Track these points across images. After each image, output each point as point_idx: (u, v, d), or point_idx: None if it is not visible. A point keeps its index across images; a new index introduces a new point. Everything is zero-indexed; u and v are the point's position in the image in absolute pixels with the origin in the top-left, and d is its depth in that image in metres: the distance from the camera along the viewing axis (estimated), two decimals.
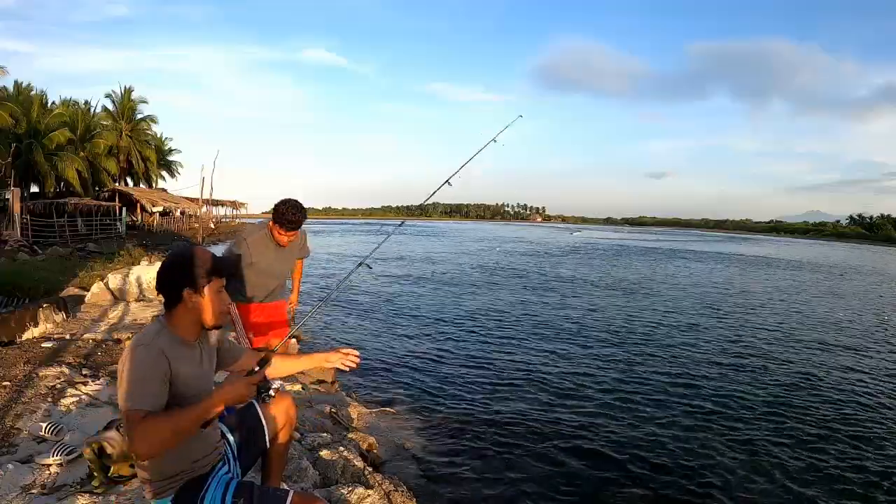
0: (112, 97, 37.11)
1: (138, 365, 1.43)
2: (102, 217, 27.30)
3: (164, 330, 1.56)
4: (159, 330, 1.55)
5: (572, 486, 3.74)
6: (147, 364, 1.43)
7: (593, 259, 26.59)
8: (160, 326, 1.57)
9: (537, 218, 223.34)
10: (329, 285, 13.55)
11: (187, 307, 1.56)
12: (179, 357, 1.54)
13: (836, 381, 6.53)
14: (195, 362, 1.62)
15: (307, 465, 2.84)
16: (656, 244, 47.50)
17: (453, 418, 4.82)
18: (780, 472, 4.07)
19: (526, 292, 13.51)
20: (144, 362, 1.44)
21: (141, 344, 1.48)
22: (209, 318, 1.60)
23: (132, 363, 1.43)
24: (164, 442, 1.37)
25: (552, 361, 6.90)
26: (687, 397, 5.68)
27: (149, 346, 1.47)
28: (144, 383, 1.40)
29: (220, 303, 1.61)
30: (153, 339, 1.50)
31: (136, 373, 1.41)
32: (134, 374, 1.41)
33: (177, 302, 1.56)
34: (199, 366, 1.63)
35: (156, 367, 1.45)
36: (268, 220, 3.20)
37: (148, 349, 1.46)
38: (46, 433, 2.74)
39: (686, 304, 12.45)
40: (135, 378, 1.41)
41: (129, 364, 1.43)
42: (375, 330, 8.56)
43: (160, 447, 1.39)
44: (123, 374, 1.43)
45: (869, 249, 62.18)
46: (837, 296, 15.52)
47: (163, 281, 1.57)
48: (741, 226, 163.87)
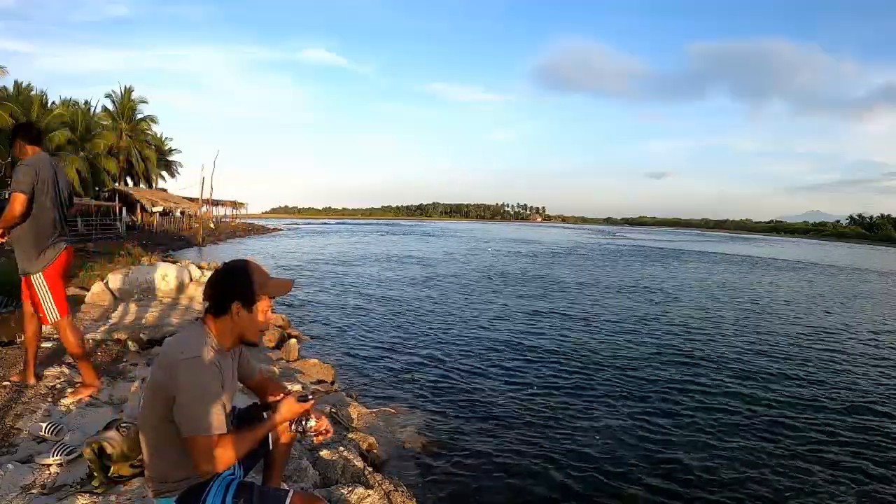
0: (112, 97, 37.18)
1: (204, 385, 1.41)
2: (102, 217, 27.30)
3: (209, 338, 1.54)
4: (207, 340, 1.52)
5: (572, 486, 3.74)
6: (205, 382, 1.43)
7: (591, 260, 26.59)
8: (203, 333, 1.54)
9: (537, 218, 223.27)
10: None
11: (233, 320, 1.55)
12: (224, 367, 1.54)
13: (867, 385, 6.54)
14: (230, 371, 1.62)
15: (307, 465, 2.84)
16: (665, 244, 47.50)
17: (453, 418, 4.82)
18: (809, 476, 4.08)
19: (526, 293, 13.51)
20: (203, 380, 1.42)
21: (195, 356, 1.44)
22: (250, 335, 1.60)
23: (190, 380, 1.40)
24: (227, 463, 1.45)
25: (552, 362, 6.90)
26: (689, 399, 5.68)
27: (210, 365, 1.45)
28: (213, 406, 1.41)
29: (262, 322, 1.60)
30: (206, 352, 1.47)
31: (203, 394, 1.41)
32: (201, 396, 1.41)
33: (223, 312, 1.55)
34: (233, 375, 1.65)
35: (217, 384, 1.45)
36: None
37: (210, 368, 1.45)
38: (46, 433, 2.73)
39: (699, 305, 12.45)
40: (202, 400, 1.40)
41: (185, 381, 1.40)
42: (375, 330, 8.55)
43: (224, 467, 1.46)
44: (179, 388, 1.40)
45: (876, 249, 62.26)
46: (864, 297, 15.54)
47: (216, 289, 1.56)
48: (741, 226, 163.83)
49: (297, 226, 67.59)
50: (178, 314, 5.77)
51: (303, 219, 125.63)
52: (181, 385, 1.41)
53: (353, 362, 6.61)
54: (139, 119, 38.19)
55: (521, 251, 30.84)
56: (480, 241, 42.66)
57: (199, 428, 1.40)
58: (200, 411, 1.40)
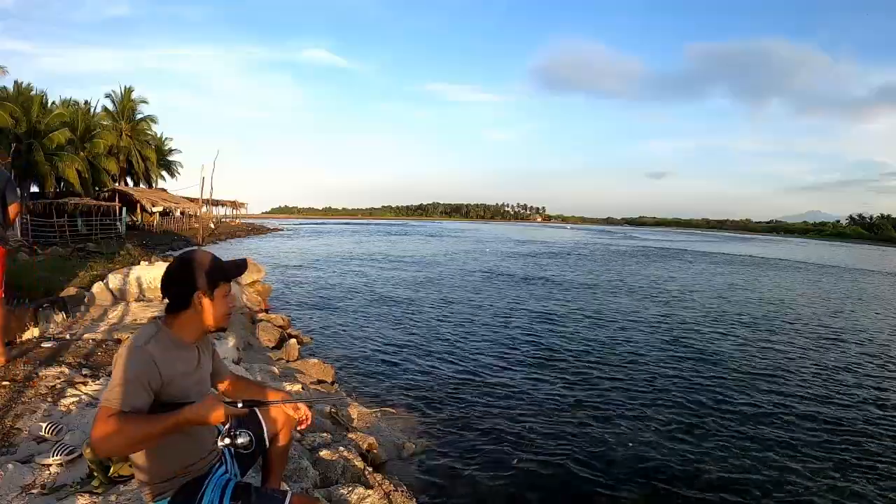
0: (112, 97, 37.12)
1: (126, 367, 1.44)
2: (102, 217, 27.27)
3: (161, 332, 1.55)
4: (154, 333, 1.54)
5: (572, 486, 3.75)
6: (134, 368, 1.44)
7: (594, 260, 26.59)
8: (156, 329, 1.56)
9: (537, 218, 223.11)
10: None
11: (196, 310, 1.57)
12: (174, 359, 1.54)
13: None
14: (191, 364, 1.62)
15: (307, 464, 2.84)
16: (667, 244, 47.48)
17: (453, 418, 4.82)
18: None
19: (526, 294, 13.51)
20: (132, 365, 1.44)
21: (134, 346, 1.48)
22: (215, 321, 1.61)
23: (121, 363, 1.44)
24: (123, 444, 1.36)
25: (552, 362, 6.90)
26: (689, 399, 5.68)
27: (140, 350, 1.47)
28: (126, 385, 1.40)
29: (226, 306, 1.63)
30: (145, 344, 1.50)
31: (122, 374, 1.42)
32: (119, 374, 1.42)
33: (185, 305, 1.57)
34: (195, 368, 1.63)
35: (142, 372, 1.45)
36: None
37: (139, 353, 1.47)
38: (46, 433, 2.73)
39: (708, 305, 12.44)
40: (119, 378, 1.42)
41: (118, 363, 1.45)
42: (376, 331, 8.55)
43: (117, 447, 1.39)
44: (113, 370, 1.46)
45: (876, 249, 62.23)
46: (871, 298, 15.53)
47: (172, 283, 1.57)
48: (741, 226, 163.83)
49: (297, 226, 67.56)
50: None
51: (303, 219, 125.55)
52: (114, 368, 1.45)
53: (353, 362, 6.61)
54: (139, 119, 38.15)
55: (523, 251, 30.83)
56: (481, 241, 42.65)
57: (108, 398, 1.39)
58: (117, 386, 1.40)
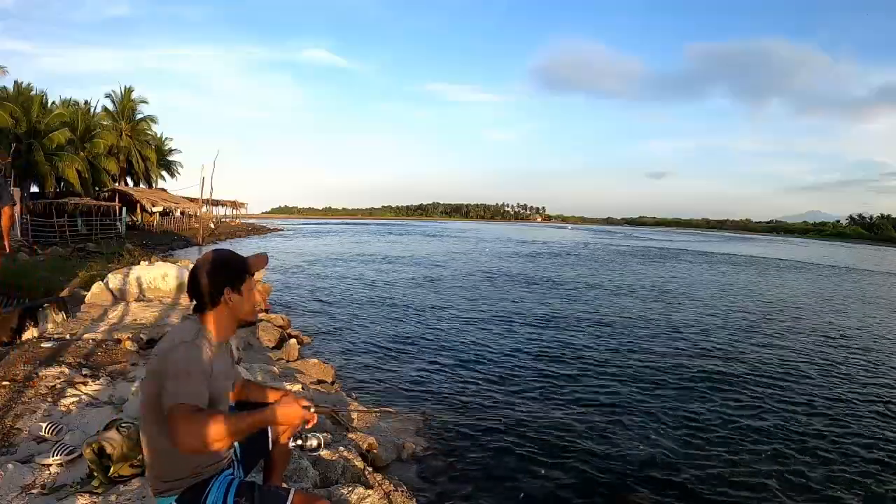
0: (112, 97, 37.13)
1: (184, 362, 1.44)
2: (102, 217, 27.26)
3: (203, 329, 1.59)
4: (198, 330, 1.58)
5: (573, 486, 3.74)
6: (193, 361, 1.46)
7: (596, 260, 26.59)
8: (198, 326, 1.59)
9: (537, 218, 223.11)
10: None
11: (228, 306, 1.62)
12: (215, 356, 1.59)
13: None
14: (227, 362, 1.70)
15: (307, 464, 2.83)
16: (668, 244, 47.48)
17: (453, 418, 4.81)
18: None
19: (527, 294, 13.51)
20: (190, 360, 1.46)
21: (185, 341, 1.50)
22: (245, 315, 1.68)
23: (177, 360, 1.44)
24: (212, 439, 1.35)
25: (552, 363, 6.90)
26: (697, 399, 5.68)
27: (193, 344, 1.50)
28: (190, 379, 1.42)
29: (253, 300, 1.70)
30: (195, 338, 1.53)
31: (183, 370, 1.43)
32: (180, 371, 1.42)
33: (216, 303, 1.61)
34: (228, 365, 1.71)
35: (200, 364, 1.48)
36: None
37: (192, 347, 1.49)
38: (46, 433, 2.74)
39: (712, 305, 12.45)
40: (181, 375, 1.42)
41: (173, 361, 1.44)
42: (376, 331, 8.55)
43: (207, 443, 1.36)
44: (167, 371, 1.43)
45: (877, 249, 62.23)
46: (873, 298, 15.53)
47: (203, 283, 1.60)
48: (741, 226, 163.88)
49: (297, 226, 67.57)
50: (178, 314, 5.77)
51: (303, 219, 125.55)
52: (169, 365, 1.43)
53: (353, 362, 6.61)
54: (139, 119, 38.16)
55: (523, 251, 30.84)
56: (481, 241, 42.66)
57: (178, 395, 1.37)
58: (184, 383, 1.40)
